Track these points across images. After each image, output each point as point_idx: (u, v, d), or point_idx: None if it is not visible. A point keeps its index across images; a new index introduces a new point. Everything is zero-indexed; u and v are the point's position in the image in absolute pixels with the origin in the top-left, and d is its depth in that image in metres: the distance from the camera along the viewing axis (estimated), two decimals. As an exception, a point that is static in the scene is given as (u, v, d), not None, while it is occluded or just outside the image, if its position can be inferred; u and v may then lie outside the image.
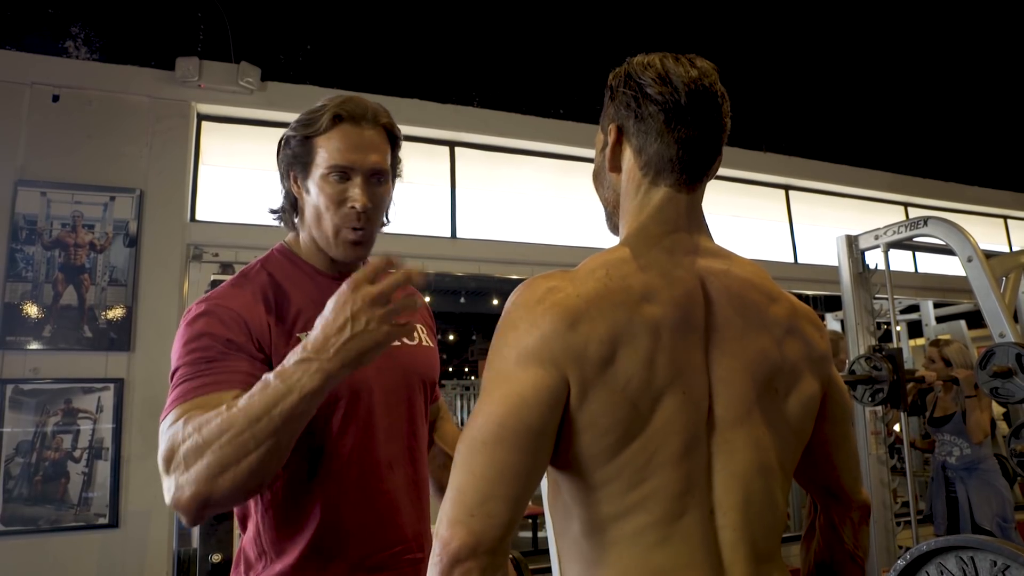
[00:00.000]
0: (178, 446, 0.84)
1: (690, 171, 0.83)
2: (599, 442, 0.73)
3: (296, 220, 1.15)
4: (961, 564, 0.86)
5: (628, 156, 0.86)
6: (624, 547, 0.73)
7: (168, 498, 0.85)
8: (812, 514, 1.00)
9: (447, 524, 0.69)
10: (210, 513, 0.85)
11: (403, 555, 1.08)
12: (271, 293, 1.05)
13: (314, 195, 1.08)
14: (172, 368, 0.97)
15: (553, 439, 0.73)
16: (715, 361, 0.78)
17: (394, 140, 1.13)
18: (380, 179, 1.09)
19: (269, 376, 0.85)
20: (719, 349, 0.79)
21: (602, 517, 0.74)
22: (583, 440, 0.73)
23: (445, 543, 0.68)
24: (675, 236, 0.84)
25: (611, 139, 0.87)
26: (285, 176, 1.14)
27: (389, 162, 1.11)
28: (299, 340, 0.98)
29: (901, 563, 0.90)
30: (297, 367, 0.83)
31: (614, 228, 0.93)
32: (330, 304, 0.85)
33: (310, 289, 1.09)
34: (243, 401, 0.83)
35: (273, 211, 1.19)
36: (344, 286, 0.85)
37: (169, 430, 0.87)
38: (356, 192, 1.05)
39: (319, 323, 0.85)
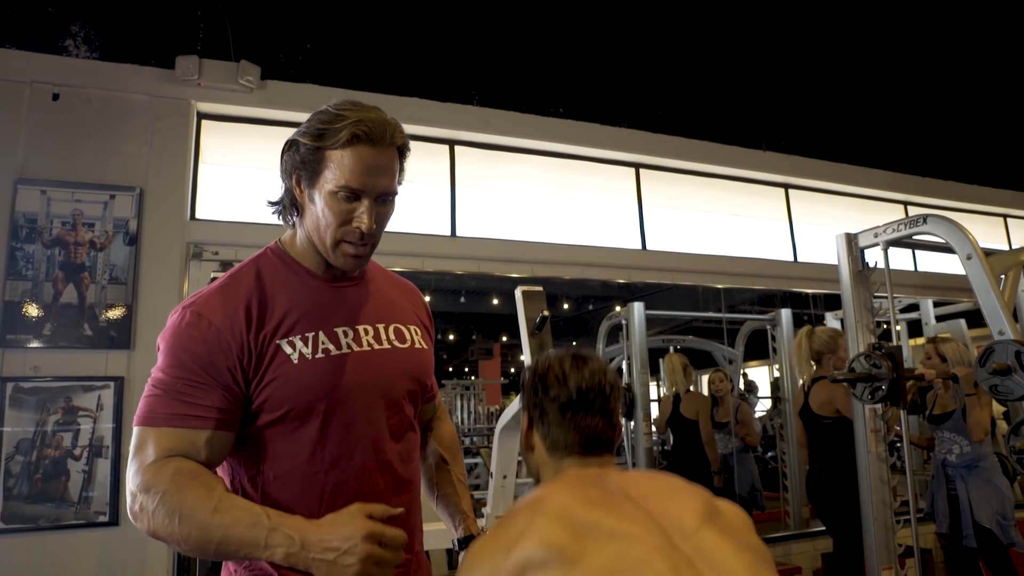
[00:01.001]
0: (154, 489, 0.93)
1: (588, 450, 1.04)
2: None
3: (295, 218, 1.15)
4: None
5: (537, 439, 1.07)
6: None
7: (129, 503, 0.96)
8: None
9: None
10: None
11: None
12: (256, 300, 1.06)
13: (319, 206, 1.07)
14: (156, 367, 1.03)
15: None
16: (652, 509, 0.89)
17: (404, 155, 1.13)
18: (387, 199, 1.09)
19: (263, 519, 0.92)
20: (649, 505, 0.90)
21: None
22: None
23: None
24: (585, 471, 1.03)
25: (523, 427, 1.10)
26: (287, 175, 1.12)
27: (398, 179, 1.11)
28: (279, 347, 1.03)
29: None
30: (284, 542, 0.90)
31: None
32: (341, 528, 0.91)
33: (299, 292, 1.10)
34: (228, 518, 0.91)
35: (271, 203, 1.19)
36: (360, 528, 0.91)
37: (150, 464, 0.96)
38: (363, 215, 1.05)
39: (326, 533, 0.91)
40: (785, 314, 5.02)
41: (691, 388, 4.77)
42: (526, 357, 2.58)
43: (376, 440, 1.10)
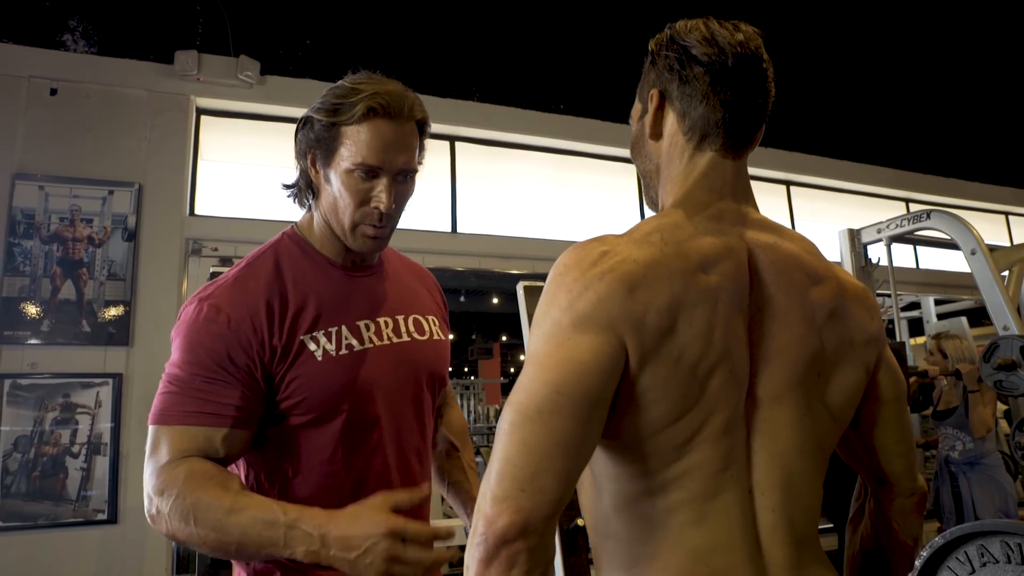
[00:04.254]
0: (168, 491, 0.89)
1: (736, 136, 0.80)
2: (645, 416, 0.70)
3: (311, 200, 1.10)
4: (1007, 549, 0.83)
5: (671, 121, 0.82)
6: (658, 525, 0.71)
7: (147, 505, 0.92)
8: (861, 497, 0.96)
9: (492, 500, 0.63)
10: None
11: None
12: (276, 293, 1.01)
13: (335, 186, 1.02)
14: (171, 361, 0.98)
15: (608, 409, 0.69)
16: (759, 340, 0.76)
17: (423, 132, 1.08)
18: (406, 177, 1.05)
19: (280, 516, 0.87)
20: (763, 328, 0.76)
21: (635, 493, 0.72)
22: (629, 413, 0.70)
23: (490, 521, 0.62)
24: (722, 204, 0.80)
25: (653, 104, 0.83)
26: (303, 155, 1.07)
27: (418, 157, 1.07)
28: (303, 343, 1.00)
29: (939, 540, 0.87)
30: (304, 540, 0.86)
31: (652, 202, 0.89)
32: (361, 524, 0.86)
33: (319, 283, 1.06)
34: (244, 518, 0.87)
35: (286, 186, 1.14)
36: (381, 524, 0.86)
37: (164, 465, 0.92)
38: (382, 194, 1.00)
39: (346, 528, 0.86)
40: (786, 312, 5.01)
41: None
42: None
43: (396, 438, 1.08)
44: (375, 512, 0.87)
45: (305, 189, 1.09)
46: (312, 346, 1.00)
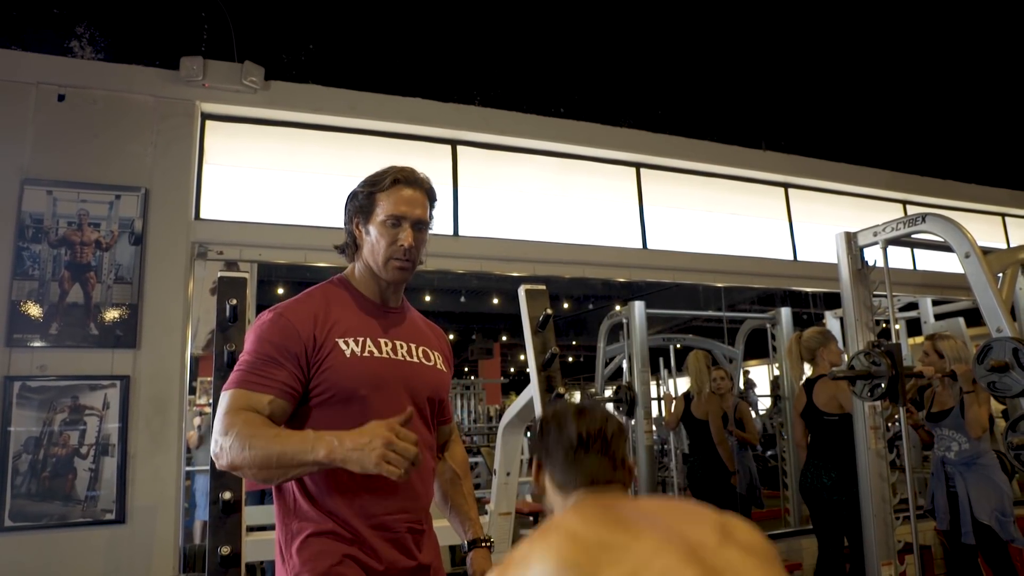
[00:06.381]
0: (231, 430, 1.21)
1: (595, 483, 1.12)
2: None
3: (355, 254, 1.49)
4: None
5: (547, 480, 1.18)
6: None
7: (213, 448, 1.24)
8: None
9: None
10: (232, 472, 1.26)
11: (411, 523, 1.37)
12: (323, 309, 1.39)
13: (373, 235, 1.43)
14: (243, 351, 1.35)
15: None
16: (670, 526, 0.95)
17: (432, 199, 1.50)
18: (422, 227, 1.45)
19: (310, 435, 1.19)
20: (667, 522, 0.96)
21: None
22: None
23: None
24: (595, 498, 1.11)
25: (534, 472, 1.22)
26: (349, 221, 1.48)
27: (429, 215, 1.48)
28: (337, 343, 1.36)
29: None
30: (325, 445, 1.16)
31: None
32: (367, 429, 1.16)
33: (354, 310, 1.44)
34: (284, 439, 1.19)
35: (337, 246, 1.54)
36: (382, 426, 1.16)
37: (230, 413, 1.24)
38: (405, 235, 1.41)
39: (356, 434, 1.16)
40: (785, 313, 5.04)
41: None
42: (530, 355, 2.61)
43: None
44: (376, 425, 1.16)
45: (352, 246, 1.49)
46: (343, 346, 1.36)
